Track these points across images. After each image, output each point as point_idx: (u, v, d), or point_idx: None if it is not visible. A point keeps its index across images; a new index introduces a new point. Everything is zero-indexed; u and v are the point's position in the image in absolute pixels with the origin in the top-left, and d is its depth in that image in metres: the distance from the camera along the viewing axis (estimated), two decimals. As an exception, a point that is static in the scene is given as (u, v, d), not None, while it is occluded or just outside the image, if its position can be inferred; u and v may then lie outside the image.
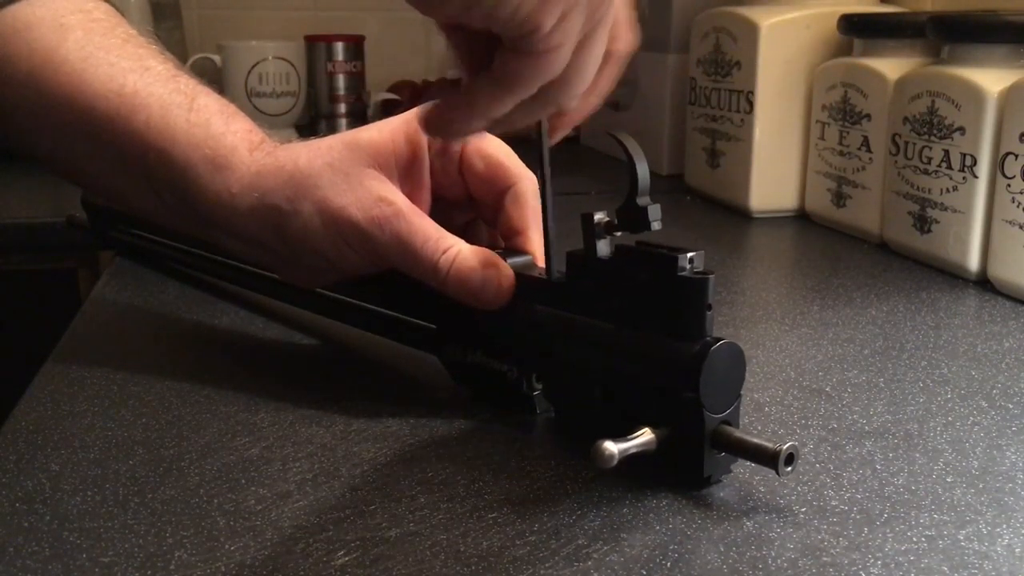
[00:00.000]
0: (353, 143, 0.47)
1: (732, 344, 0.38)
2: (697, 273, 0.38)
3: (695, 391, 0.37)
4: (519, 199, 0.48)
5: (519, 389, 0.45)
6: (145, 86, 0.50)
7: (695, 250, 0.38)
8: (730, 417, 0.38)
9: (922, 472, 0.40)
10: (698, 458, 0.38)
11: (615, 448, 0.36)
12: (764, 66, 0.86)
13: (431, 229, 0.45)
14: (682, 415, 0.37)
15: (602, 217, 0.40)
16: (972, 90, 0.66)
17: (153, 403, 0.47)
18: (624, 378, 0.40)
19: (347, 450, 0.42)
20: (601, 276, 0.40)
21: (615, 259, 0.40)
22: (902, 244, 0.75)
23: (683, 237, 0.81)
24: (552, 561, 0.33)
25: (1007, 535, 0.35)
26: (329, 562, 0.33)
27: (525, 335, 0.44)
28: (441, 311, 0.47)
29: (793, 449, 0.36)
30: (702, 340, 0.37)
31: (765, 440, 0.37)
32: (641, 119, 1.12)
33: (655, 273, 0.38)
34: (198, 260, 0.63)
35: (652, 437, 0.37)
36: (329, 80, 1.38)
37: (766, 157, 0.88)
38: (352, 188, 0.46)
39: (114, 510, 0.37)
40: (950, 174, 0.69)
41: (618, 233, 0.40)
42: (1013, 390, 0.49)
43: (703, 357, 0.37)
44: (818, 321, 0.60)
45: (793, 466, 0.36)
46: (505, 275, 0.44)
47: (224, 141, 0.48)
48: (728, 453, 0.38)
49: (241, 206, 0.47)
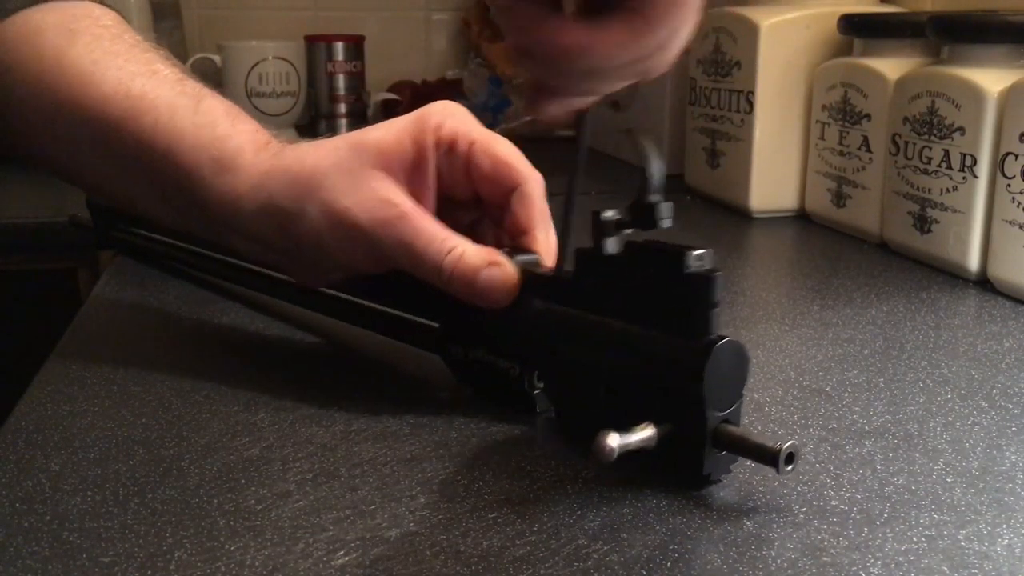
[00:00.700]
0: (359, 144, 0.47)
1: (736, 343, 0.38)
2: (704, 271, 0.37)
3: (699, 388, 0.37)
4: (526, 199, 0.48)
5: (520, 387, 0.45)
6: (152, 89, 0.50)
7: (701, 247, 0.38)
8: (731, 416, 0.38)
9: (922, 472, 0.40)
10: (699, 456, 0.38)
11: (615, 442, 0.36)
12: (764, 66, 0.86)
13: (435, 230, 0.45)
14: (684, 413, 0.37)
15: (611, 214, 0.40)
16: (972, 90, 0.66)
17: (153, 403, 0.47)
18: (628, 375, 0.40)
19: (347, 450, 0.42)
20: (608, 273, 0.40)
21: (623, 256, 0.40)
22: (902, 244, 0.75)
23: (683, 237, 0.81)
24: (552, 561, 0.33)
25: (1007, 535, 0.35)
26: (329, 562, 0.33)
27: (529, 332, 0.44)
28: (444, 310, 0.47)
29: (793, 448, 0.36)
30: (707, 338, 0.37)
31: (766, 439, 0.36)
32: (641, 119, 1.12)
33: (662, 270, 0.38)
34: (201, 259, 0.63)
35: (653, 432, 0.37)
36: (329, 80, 1.38)
37: (766, 157, 0.88)
38: (357, 189, 0.46)
39: (114, 510, 0.37)
40: (950, 174, 0.69)
41: (627, 231, 0.40)
42: (1013, 390, 0.49)
43: (707, 354, 0.37)
44: (818, 321, 0.60)
45: (793, 465, 0.36)
46: (509, 274, 0.44)
47: (230, 142, 0.49)
48: (729, 452, 0.38)
49: (247, 207, 0.47)
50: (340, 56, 1.38)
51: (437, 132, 0.47)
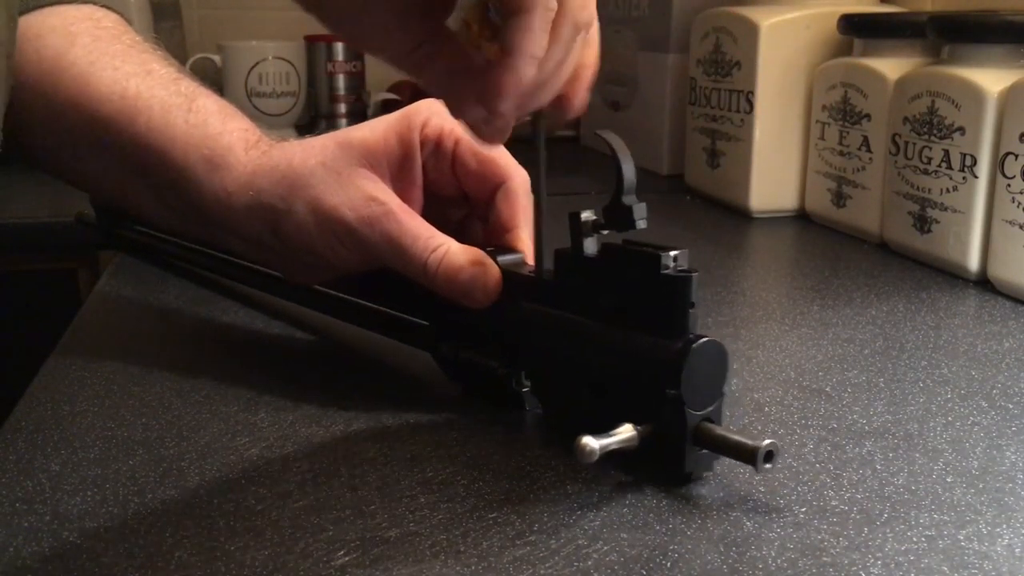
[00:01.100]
0: (345, 142, 0.47)
1: (715, 342, 0.38)
2: (680, 271, 0.38)
3: (677, 388, 0.37)
4: (510, 195, 0.48)
5: (508, 386, 0.45)
6: (147, 89, 0.50)
7: (679, 248, 0.38)
8: (712, 415, 0.38)
9: (922, 472, 0.40)
10: (680, 455, 0.38)
11: (596, 444, 0.36)
12: (764, 66, 0.86)
13: (421, 228, 0.46)
14: (664, 412, 0.38)
15: (589, 216, 0.40)
16: (972, 90, 0.66)
17: (153, 403, 0.47)
18: (608, 375, 0.40)
19: (347, 450, 0.42)
20: (587, 274, 0.41)
21: (601, 257, 0.40)
22: (902, 244, 0.75)
23: (683, 237, 0.81)
24: (552, 561, 0.33)
25: (1007, 535, 0.35)
26: (329, 562, 0.33)
27: (513, 332, 0.44)
28: (434, 309, 0.48)
29: (772, 446, 0.36)
30: (684, 338, 0.37)
31: (745, 437, 0.37)
32: (641, 119, 1.12)
33: (639, 271, 0.38)
34: (204, 258, 0.63)
35: (634, 434, 0.37)
36: (329, 80, 1.38)
37: (766, 157, 0.88)
38: (343, 187, 0.46)
39: (114, 510, 0.37)
40: (950, 174, 0.69)
41: (604, 232, 0.40)
42: (1013, 390, 0.49)
43: (685, 355, 0.37)
44: (818, 321, 0.60)
45: (773, 463, 0.36)
46: (492, 274, 0.45)
47: (221, 141, 0.49)
48: (709, 450, 0.38)
49: (237, 204, 0.48)
50: (340, 56, 1.38)
51: (423, 130, 0.48)
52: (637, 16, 1.12)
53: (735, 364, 0.52)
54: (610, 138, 0.39)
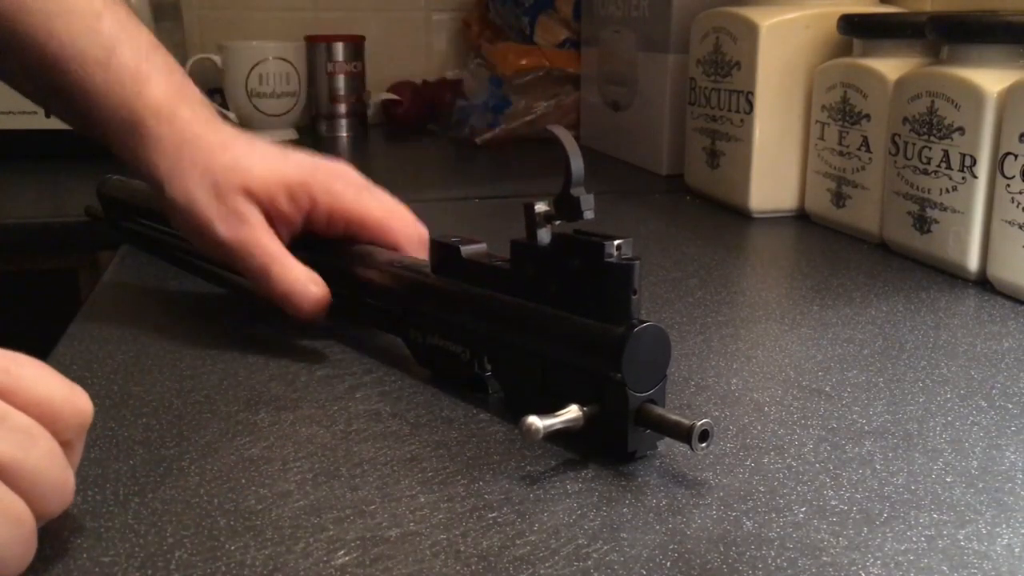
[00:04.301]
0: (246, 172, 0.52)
1: (656, 327, 0.40)
2: (624, 259, 0.40)
3: (619, 371, 0.39)
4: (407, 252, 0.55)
5: (471, 370, 0.47)
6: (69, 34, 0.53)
7: (624, 238, 0.40)
8: (655, 396, 0.40)
9: (922, 472, 0.40)
10: (623, 434, 0.40)
11: (540, 424, 0.38)
12: (764, 66, 0.86)
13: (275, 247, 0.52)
14: (607, 394, 0.40)
15: (543, 207, 0.42)
16: (972, 90, 0.66)
17: (153, 403, 0.47)
18: (558, 359, 0.42)
19: (347, 450, 0.42)
20: (540, 263, 0.43)
21: (552, 246, 0.42)
22: (902, 244, 0.75)
23: (682, 237, 0.81)
24: (552, 561, 0.33)
25: (1007, 535, 0.35)
26: (329, 562, 0.33)
27: (473, 319, 0.47)
28: (403, 297, 0.51)
29: (707, 426, 0.38)
30: (627, 323, 0.39)
31: (683, 418, 0.38)
32: (641, 119, 1.12)
33: (585, 260, 0.40)
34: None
35: (579, 415, 0.40)
36: (329, 80, 1.38)
37: (766, 157, 0.88)
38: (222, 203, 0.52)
39: (114, 510, 0.37)
40: (950, 174, 0.69)
41: (556, 222, 0.42)
42: (1013, 390, 0.49)
43: (626, 339, 0.39)
44: (818, 321, 0.60)
45: (708, 443, 0.38)
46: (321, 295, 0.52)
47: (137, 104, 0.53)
48: (650, 430, 0.40)
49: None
50: (340, 56, 1.38)
51: (312, 208, 0.54)
52: (637, 16, 1.12)
53: (735, 364, 0.52)
54: (559, 132, 0.41)
